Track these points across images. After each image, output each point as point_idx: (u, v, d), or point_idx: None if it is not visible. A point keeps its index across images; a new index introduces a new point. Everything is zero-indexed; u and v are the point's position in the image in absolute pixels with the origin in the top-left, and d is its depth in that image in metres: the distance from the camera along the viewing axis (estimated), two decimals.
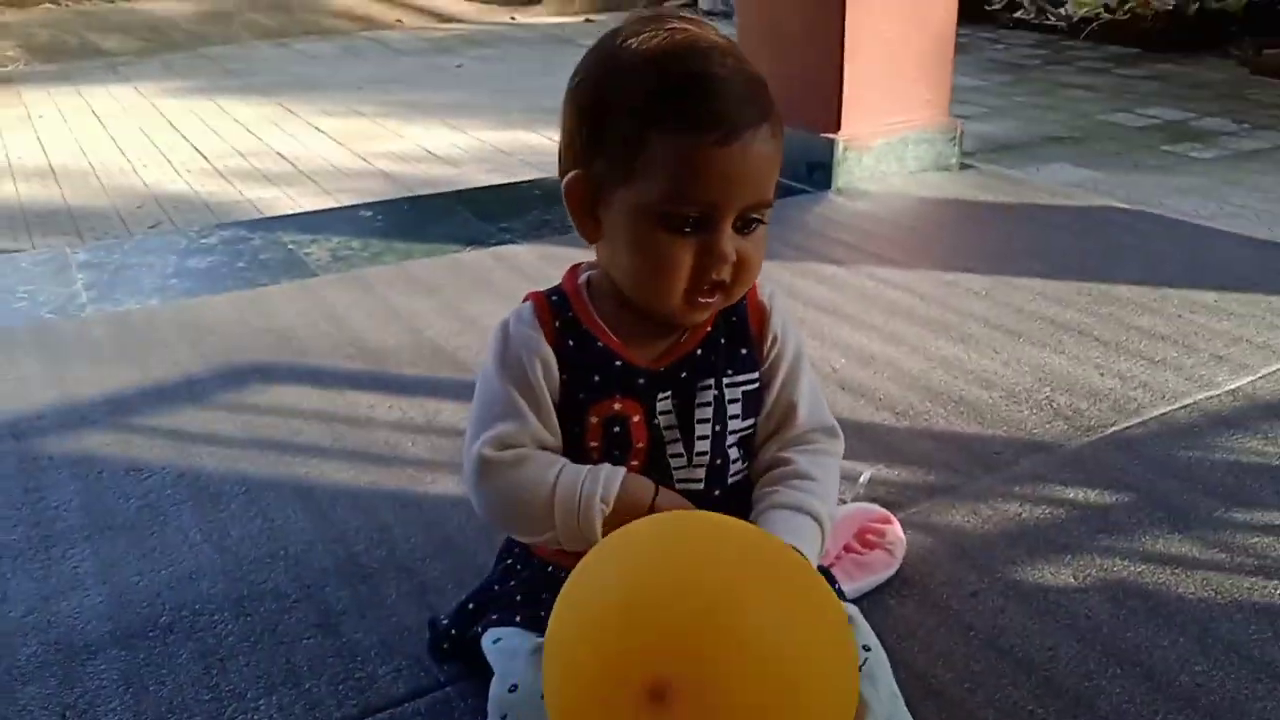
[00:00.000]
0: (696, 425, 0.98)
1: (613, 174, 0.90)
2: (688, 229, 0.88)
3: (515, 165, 3.43)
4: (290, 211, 2.89)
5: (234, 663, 1.15)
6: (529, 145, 3.97)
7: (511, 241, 2.43)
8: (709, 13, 8.05)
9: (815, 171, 2.74)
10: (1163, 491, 1.42)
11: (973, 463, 1.51)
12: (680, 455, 0.98)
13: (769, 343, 1.02)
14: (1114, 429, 1.58)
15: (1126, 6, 7.23)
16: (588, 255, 1.01)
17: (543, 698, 0.79)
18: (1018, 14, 7.61)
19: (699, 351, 0.98)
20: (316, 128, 4.04)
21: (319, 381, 1.77)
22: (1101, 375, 1.74)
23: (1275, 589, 1.23)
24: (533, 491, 0.93)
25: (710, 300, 0.93)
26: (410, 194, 2.80)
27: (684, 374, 0.98)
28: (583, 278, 1.01)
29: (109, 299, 2.16)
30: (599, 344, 0.97)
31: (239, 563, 1.31)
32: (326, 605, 1.24)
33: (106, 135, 3.89)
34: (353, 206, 2.71)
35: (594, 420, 0.97)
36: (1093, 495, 1.42)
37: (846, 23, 2.60)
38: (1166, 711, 1.05)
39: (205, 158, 3.50)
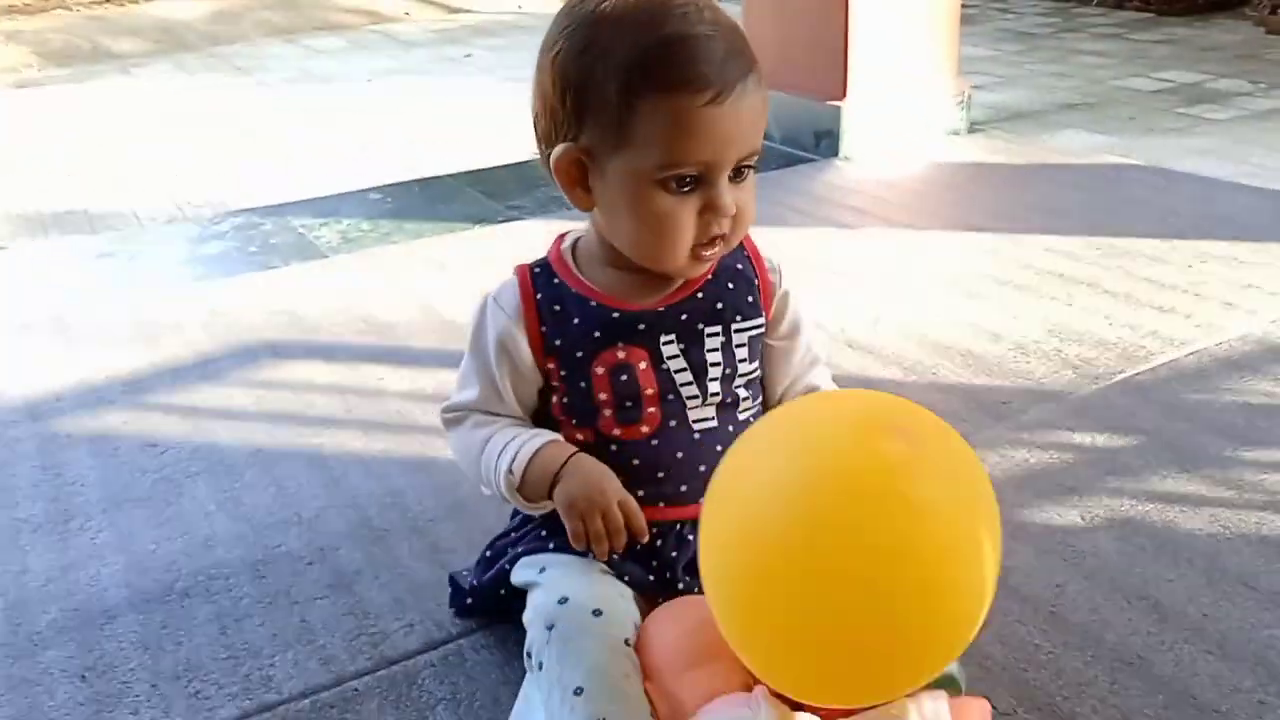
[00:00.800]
0: (709, 368, 0.99)
1: (603, 143, 0.91)
2: (686, 187, 0.90)
3: (525, 149, 3.44)
4: (301, 198, 2.91)
5: (249, 623, 1.17)
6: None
7: (520, 218, 2.45)
8: None
9: (822, 140, 2.73)
10: (1171, 433, 1.42)
11: (981, 412, 1.51)
12: (695, 396, 0.99)
13: (776, 300, 1.04)
14: (1123, 376, 1.57)
15: None
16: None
17: (595, 612, 0.88)
18: None
19: (700, 295, 0.99)
20: (326, 119, 4.06)
21: (330, 356, 1.79)
22: (1110, 325, 1.73)
23: None
24: (470, 455, 1.03)
25: (712, 252, 0.94)
26: (420, 177, 2.81)
27: (684, 316, 0.99)
28: (567, 243, 1.03)
29: (123, 285, 2.19)
30: (592, 303, 0.98)
31: (254, 529, 1.33)
32: (340, 566, 1.25)
33: (120, 135, 3.93)
34: (362, 190, 2.73)
35: (600, 371, 0.98)
36: (1101, 439, 1.41)
37: None
38: (1174, 641, 1.06)
39: (215, 152, 3.52)
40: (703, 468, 0.97)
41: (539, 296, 1.00)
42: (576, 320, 0.98)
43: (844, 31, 2.61)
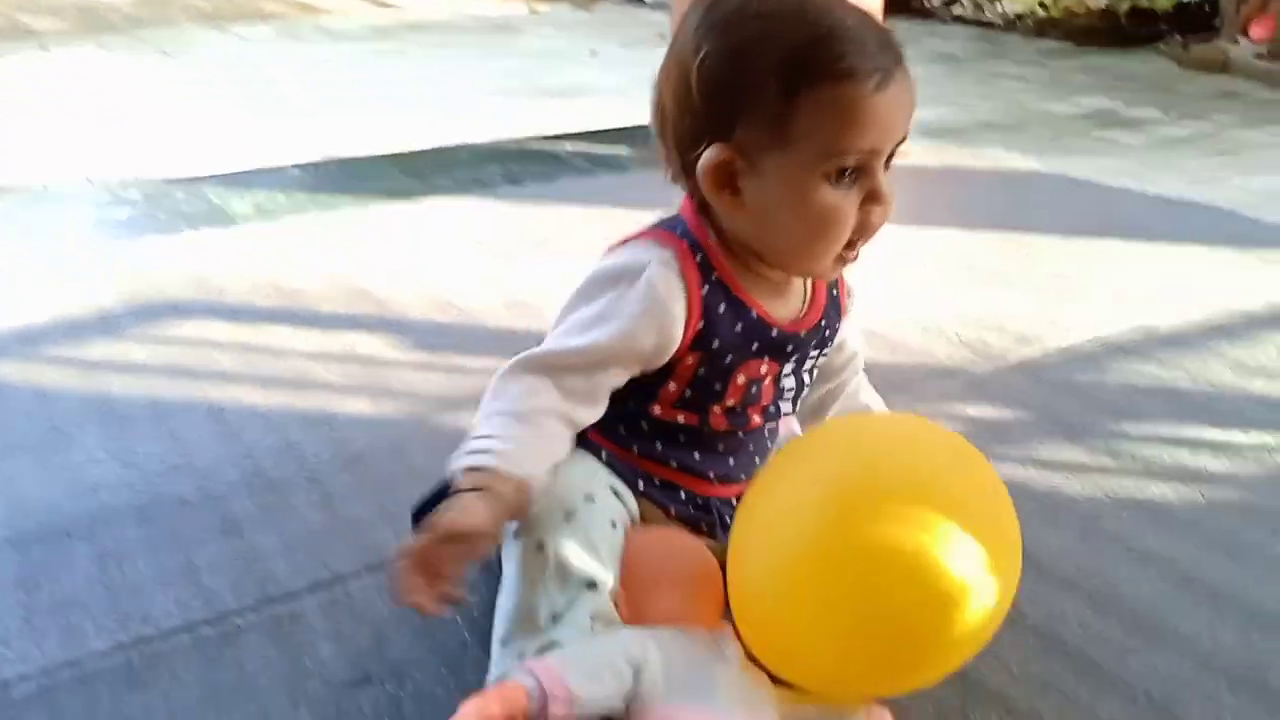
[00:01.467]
0: (804, 388, 1.04)
1: (760, 141, 0.87)
2: (849, 179, 0.88)
3: (451, 134, 3.43)
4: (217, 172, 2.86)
5: (131, 563, 1.14)
6: (471, 124, 3.97)
7: (439, 195, 2.44)
8: None
9: None
10: (1059, 410, 1.46)
11: (884, 385, 1.53)
12: (789, 412, 1.04)
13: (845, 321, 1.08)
14: (1019, 358, 1.63)
15: (1060, 3, 7.40)
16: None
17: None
18: (955, 10, 7.75)
19: (823, 321, 1.02)
20: (248, 103, 4.00)
21: (234, 317, 1.76)
22: (1010, 312, 1.79)
23: (1158, 488, 1.28)
24: (509, 408, 0.90)
25: (853, 254, 0.93)
26: (341, 157, 2.78)
27: (814, 340, 1.02)
28: (713, 237, 0.95)
29: (24, 246, 2.13)
30: (753, 314, 0.96)
31: (144, 476, 1.30)
32: (230, 512, 1.23)
33: (34, 109, 3.82)
34: (280, 167, 2.69)
35: (740, 380, 0.98)
36: (993, 413, 1.46)
37: None
38: (1048, 593, 1.09)
39: (129, 129, 3.44)
40: (758, 459, 1.04)
41: (705, 290, 0.94)
42: (739, 328, 0.95)
43: None
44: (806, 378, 1.04)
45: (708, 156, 0.88)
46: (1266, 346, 1.66)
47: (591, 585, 0.86)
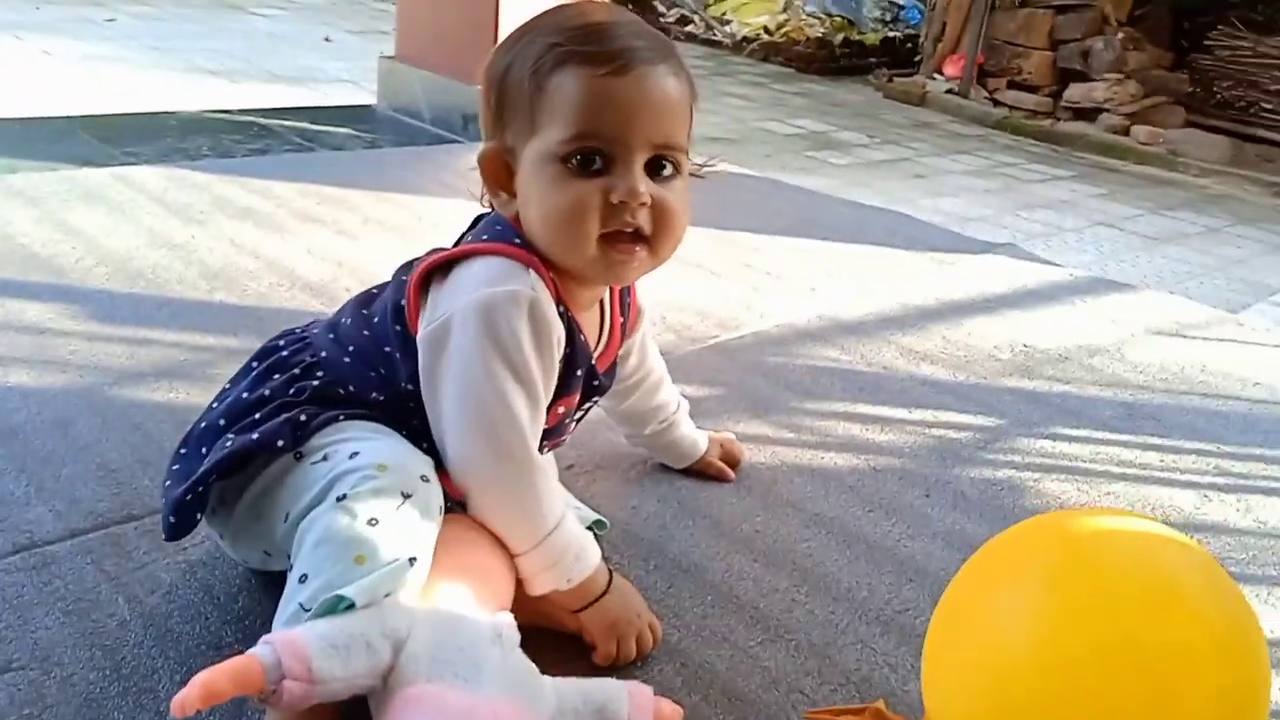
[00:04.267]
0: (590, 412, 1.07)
1: (520, 133, 0.89)
2: (596, 168, 0.87)
3: (156, 103, 3.20)
4: None
5: None
6: (182, 96, 3.72)
7: (134, 164, 2.26)
8: None
9: (470, 123, 2.76)
10: (749, 387, 1.55)
11: None
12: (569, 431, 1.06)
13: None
14: (715, 340, 1.71)
15: (783, 31, 7.88)
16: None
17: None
18: (689, 28, 8.08)
19: (621, 353, 1.06)
20: None
21: None
22: (710, 299, 1.88)
23: (830, 458, 1.38)
24: (536, 515, 0.91)
25: (629, 252, 0.90)
26: (24, 116, 2.54)
27: (612, 377, 1.06)
28: (535, 252, 0.92)
29: None
30: (581, 337, 0.95)
31: None
32: None
33: None
34: None
35: (560, 411, 0.98)
36: (689, 390, 1.51)
37: None
38: (728, 552, 1.15)
39: None
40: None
41: (561, 308, 0.93)
42: (572, 353, 0.95)
43: (495, 15, 2.65)
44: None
45: (480, 153, 0.92)
46: (933, 336, 1.83)
47: (413, 562, 0.81)
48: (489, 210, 0.99)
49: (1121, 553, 0.78)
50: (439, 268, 0.93)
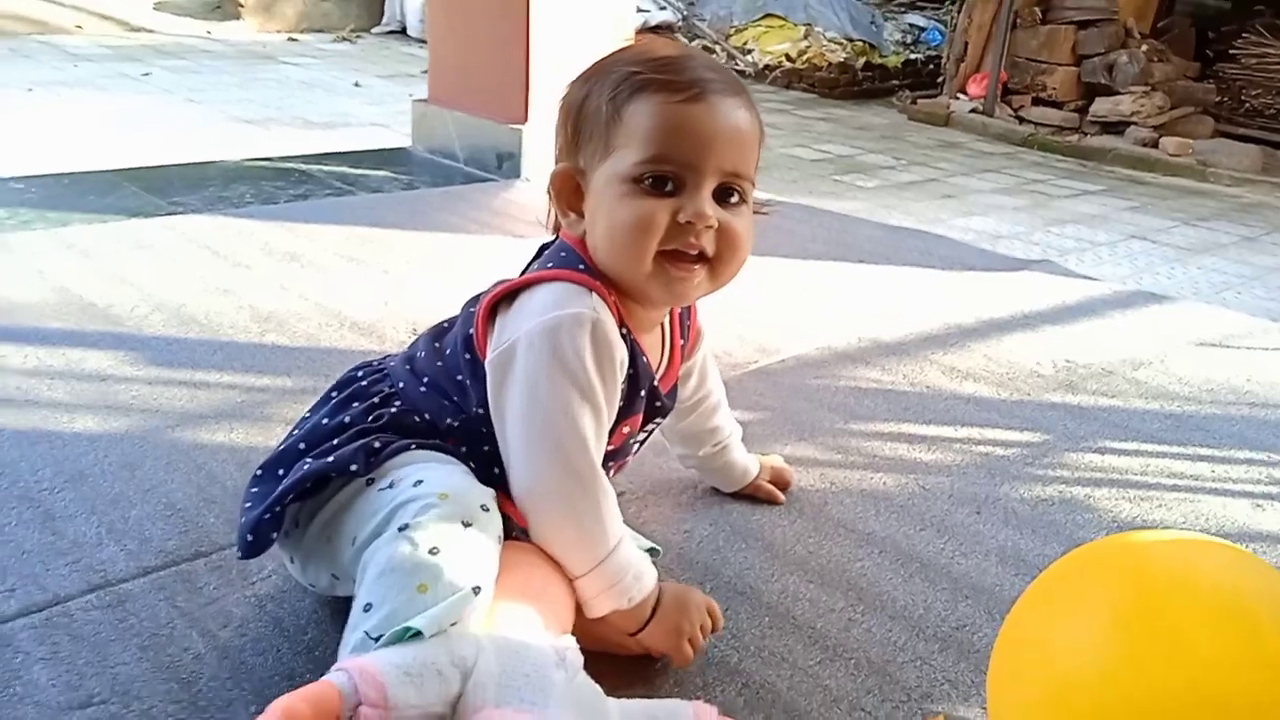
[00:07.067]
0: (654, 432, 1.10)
1: (595, 156, 0.93)
2: (667, 190, 0.91)
3: (197, 153, 3.28)
4: None
5: None
6: (221, 145, 3.80)
7: (182, 213, 2.32)
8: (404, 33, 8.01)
9: (504, 161, 2.81)
10: (794, 410, 1.56)
11: None
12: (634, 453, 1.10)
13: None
14: (756, 365, 1.72)
15: (805, 57, 7.94)
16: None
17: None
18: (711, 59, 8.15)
19: (681, 373, 1.10)
20: None
21: None
22: (749, 325, 1.89)
23: (878, 478, 1.39)
24: (598, 534, 0.93)
25: (688, 270, 0.93)
26: (72, 171, 2.60)
27: (674, 398, 1.09)
28: (601, 279, 0.95)
29: None
30: (644, 358, 0.99)
31: None
32: None
33: None
34: (1, 179, 2.49)
35: (625, 431, 1.01)
36: (734, 414, 1.53)
37: (531, 20, 2.69)
38: (783, 573, 1.16)
39: None
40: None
41: (624, 331, 0.96)
42: (636, 375, 0.98)
43: (525, 56, 2.70)
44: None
45: (552, 173, 0.96)
46: (974, 354, 1.84)
47: (477, 590, 0.82)
48: (553, 239, 1.03)
49: (1191, 589, 0.75)
50: (505, 297, 0.97)
